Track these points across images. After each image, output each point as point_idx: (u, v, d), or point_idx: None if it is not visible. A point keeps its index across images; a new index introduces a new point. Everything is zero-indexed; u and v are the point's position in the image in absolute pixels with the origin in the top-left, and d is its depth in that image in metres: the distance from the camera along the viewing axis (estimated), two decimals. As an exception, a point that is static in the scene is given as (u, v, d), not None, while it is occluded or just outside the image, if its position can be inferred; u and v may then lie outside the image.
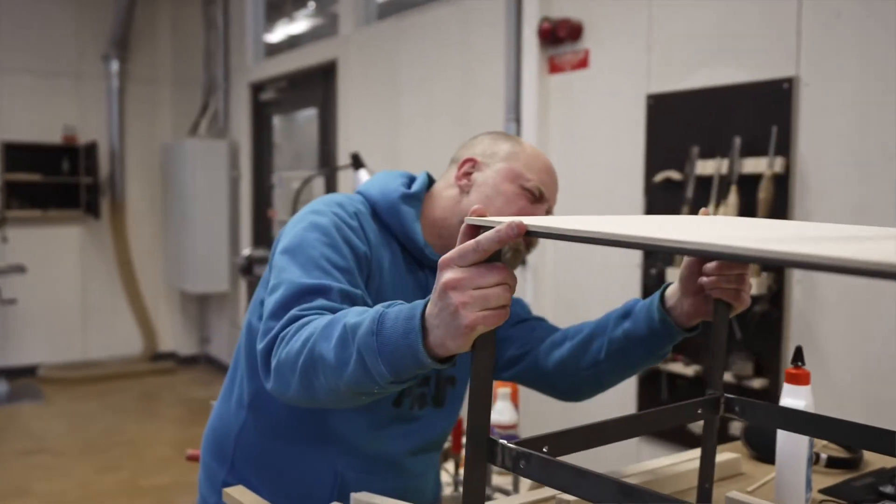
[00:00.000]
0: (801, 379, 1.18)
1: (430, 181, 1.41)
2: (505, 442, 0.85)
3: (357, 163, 3.68)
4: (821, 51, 2.35)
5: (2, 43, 6.12)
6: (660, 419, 1.02)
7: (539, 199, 1.33)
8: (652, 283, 2.80)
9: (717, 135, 2.61)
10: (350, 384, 0.97)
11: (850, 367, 2.31)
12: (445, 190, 1.35)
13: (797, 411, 1.04)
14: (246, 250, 4.19)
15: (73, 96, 6.41)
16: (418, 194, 1.35)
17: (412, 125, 4.18)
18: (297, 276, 1.14)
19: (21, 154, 6.20)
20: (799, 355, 1.19)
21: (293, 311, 1.10)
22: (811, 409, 1.15)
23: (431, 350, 0.87)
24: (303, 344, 1.03)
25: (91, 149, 6.32)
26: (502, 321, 0.83)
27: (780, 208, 2.43)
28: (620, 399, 2.88)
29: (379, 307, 0.95)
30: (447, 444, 2.03)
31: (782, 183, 2.43)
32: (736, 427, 2.43)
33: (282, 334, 1.08)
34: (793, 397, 1.17)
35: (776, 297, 2.46)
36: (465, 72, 3.79)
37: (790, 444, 1.16)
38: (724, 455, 1.35)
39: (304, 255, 1.17)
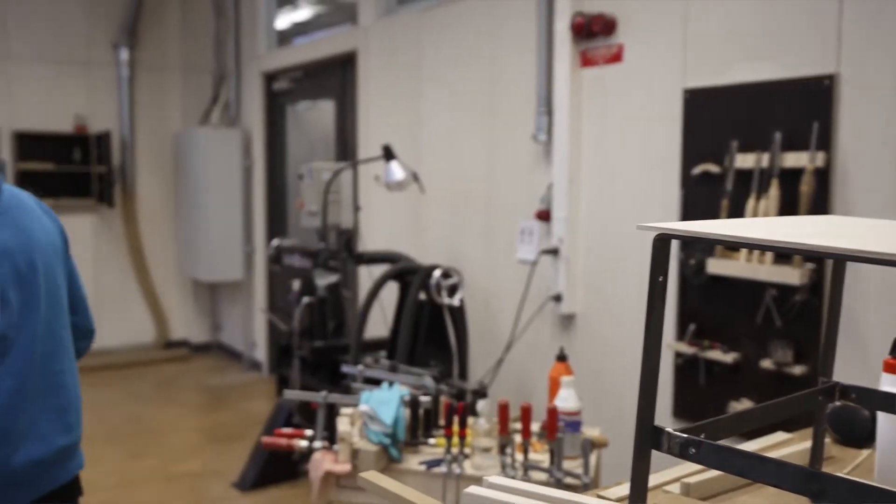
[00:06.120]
0: (898, 368, 1.26)
1: None
2: (671, 430, 0.93)
3: (389, 154, 3.75)
4: (862, 48, 2.43)
5: (13, 31, 6.10)
6: (787, 407, 1.10)
7: None
8: (690, 272, 2.89)
9: (757, 129, 2.69)
10: None
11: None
12: None
13: (910, 398, 1.13)
14: (275, 241, 4.25)
15: (83, 84, 6.41)
16: None
17: (436, 117, 4.23)
18: None
19: (33, 143, 6.20)
20: (896, 346, 1.27)
21: None
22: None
23: None
24: None
25: (104, 138, 6.33)
26: None
27: (820, 202, 2.52)
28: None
29: None
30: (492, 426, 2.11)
31: (823, 177, 2.52)
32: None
33: None
34: (891, 386, 1.25)
35: (816, 287, 2.56)
36: (492, 64, 3.85)
37: (891, 429, 1.25)
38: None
39: None
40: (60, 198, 6.29)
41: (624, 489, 1.30)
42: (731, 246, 2.67)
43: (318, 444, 2.19)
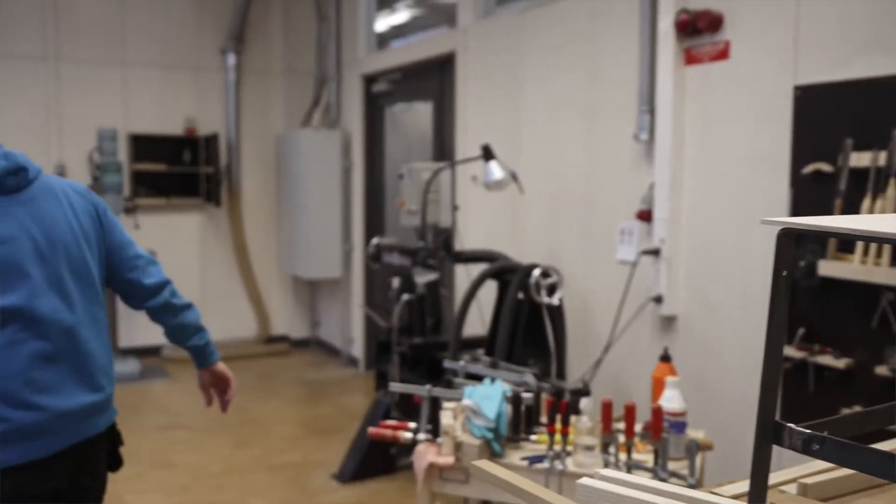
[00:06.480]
0: None
1: None
2: (793, 426, 0.92)
3: (488, 154, 3.78)
4: None
5: (128, 38, 6.45)
6: (914, 409, 1.07)
7: None
8: (800, 274, 2.80)
9: (873, 126, 2.59)
10: None
11: None
12: None
13: None
14: (375, 239, 4.34)
15: (193, 89, 6.71)
16: None
17: (535, 118, 4.24)
18: None
19: (147, 145, 6.54)
20: None
21: None
22: None
23: None
24: None
25: (211, 140, 6.61)
26: None
27: (943, 201, 2.41)
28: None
29: None
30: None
31: (946, 175, 2.40)
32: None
33: None
34: None
35: (937, 291, 2.45)
36: (592, 64, 3.83)
37: None
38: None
39: None
40: (171, 197, 6.62)
41: (737, 487, 1.29)
42: (858, 241, 2.58)
43: (421, 436, 2.24)
